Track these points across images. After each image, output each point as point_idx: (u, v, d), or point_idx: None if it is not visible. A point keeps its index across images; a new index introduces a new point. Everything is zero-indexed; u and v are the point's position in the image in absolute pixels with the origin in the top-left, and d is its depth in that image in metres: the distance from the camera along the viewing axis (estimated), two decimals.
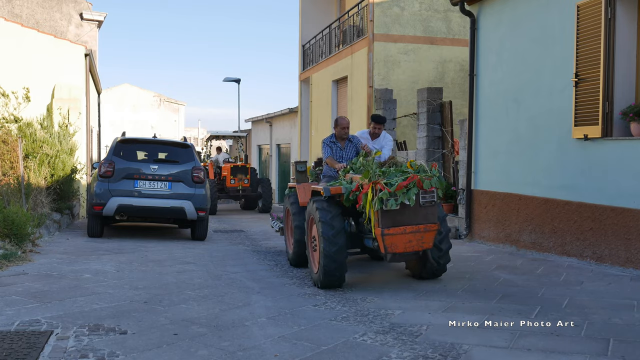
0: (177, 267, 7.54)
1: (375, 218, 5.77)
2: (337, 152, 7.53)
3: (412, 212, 5.75)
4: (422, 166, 6.01)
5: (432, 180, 5.75)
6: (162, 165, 10.37)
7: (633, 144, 6.93)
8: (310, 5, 20.21)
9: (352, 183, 6.27)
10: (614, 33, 7.15)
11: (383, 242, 5.75)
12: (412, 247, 5.83)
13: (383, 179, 5.73)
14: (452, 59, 14.79)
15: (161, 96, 47.68)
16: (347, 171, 6.84)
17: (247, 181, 18.97)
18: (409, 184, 5.65)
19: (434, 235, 5.94)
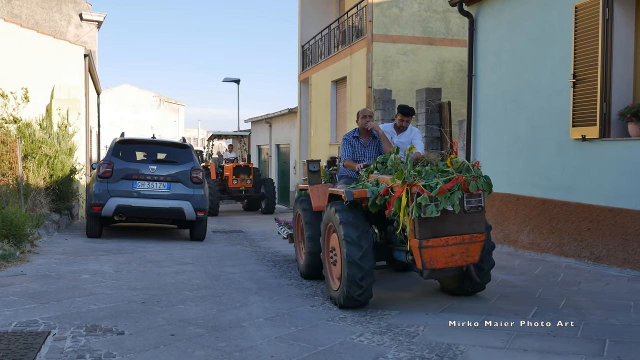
0: (175, 267, 7.55)
1: (410, 227, 4.90)
2: (359, 150, 6.65)
3: (455, 220, 4.90)
4: (465, 164, 5.11)
5: (479, 182, 4.90)
6: (161, 165, 10.37)
7: (630, 145, 6.94)
8: (310, 6, 20.23)
9: (379, 185, 5.42)
10: (612, 34, 7.16)
11: (421, 256, 4.87)
12: (455, 262, 4.98)
13: (420, 181, 4.86)
14: (451, 60, 14.80)
15: (161, 96, 47.71)
16: (371, 171, 5.96)
17: (249, 181, 18.66)
18: (453, 187, 4.80)
19: (481, 247, 5.07)
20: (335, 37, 17.47)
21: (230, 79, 26.34)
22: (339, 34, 17.18)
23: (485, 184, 4.95)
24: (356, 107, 15.21)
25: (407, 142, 7.08)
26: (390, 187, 5.15)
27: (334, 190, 6.00)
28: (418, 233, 4.87)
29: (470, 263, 5.10)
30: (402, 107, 7.28)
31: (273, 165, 25.42)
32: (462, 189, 4.84)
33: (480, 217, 5.02)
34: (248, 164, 19.14)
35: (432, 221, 4.84)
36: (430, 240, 4.86)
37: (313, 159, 7.08)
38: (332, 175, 7.42)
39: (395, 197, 4.99)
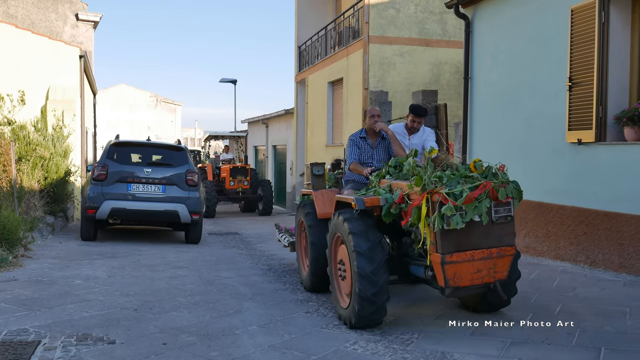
0: (169, 272, 7.51)
1: (431, 240, 4.41)
2: (367, 152, 6.16)
3: (481, 232, 4.41)
4: (492, 168, 4.60)
5: (508, 189, 4.43)
6: (156, 168, 10.33)
7: (626, 149, 6.92)
8: (307, 7, 20.18)
9: (394, 192, 4.93)
10: (608, 38, 7.14)
11: (443, 273, 4.35)
12: (481, 279, 4.47)
13: (443, 188, 4.34)
14: (447, 61, 14.77)
15: (158, 96, 47.65)
16: (382, 176, 5.45)
17: (247, 183, 18.45)
18: (480, 195, 4.31)
19: (510, 261, 4.57)
20: (332, 38, 17.43)
21: (227, 80, 26.30)
22: (335, 35, 17.14)
23: (515, 190, 4.50)
24: (353, 109, 15.18)
25: (419, 144, 6.68)
26: (407, 195, 4.64)
27: (343, 197, 5.43)
28: (440, 247, 4.33)
29: (499, 279, 4.57)
30: (414, 107, 6.75)
31: (270, 166, 25.37)
32: (490, 197, 4.36)
33: (509, 228, 4.53)
34: (245, 165, 18.98)
35: (456, 233, 4.31)
36: (454, 254, 4.34)
37: (317, 162, 6.63)
38: (338, 179, 6.93)
39: (413, 206, 4.47)
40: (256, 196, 18.84)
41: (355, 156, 6.15)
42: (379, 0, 14.28)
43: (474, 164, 4.64)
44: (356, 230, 4.80)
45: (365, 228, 4.82)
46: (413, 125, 6.70)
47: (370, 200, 4.89)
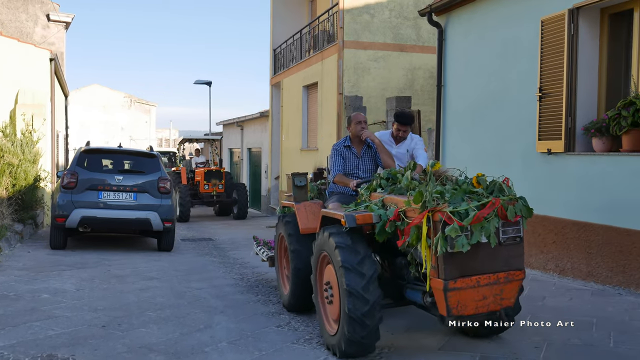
0: (139, 283, 7.41)
1: (432, 264, 3.98)
2: (352, 162, 5.78)
3: (488, 255, 4.00)
4: (496, 183, 4.21)
5: (517, 206, 4.01)
6: (127, 175, 10.20)
7: (594, 160, 7.01)
8: (282, 10, 20.12)
9: (387, 208, 4.49)
10: (577, 49, 7.23)
11: (446, 301, 3.92)
12: (487, 306, 4.05)
13: (446, 205, 3.91)
14: (421, 66, 14.85)
15: (132, 97, 47.13)
16: (373, 189, 5.00)
17: (221, 186, 18.32)
18: (489, 214, 3.89)
19: (519, 287, 4.19)
20: (307, 42, 17.41)
21: (202, 82, 26.04)
22: (310, 39, 17.12)
23: (525, 208, 4.06)
24: (328, 113, 15.17)
25: (406, 153, 6.38)
26: (403, 212, 4.21)
27: (330, 212, 4.91)
28: (443, 271, 3.90)
29: (506, 307, 4.16)
30: (399, 115, 6.32)
31: (245, 169, 25.25)
32: (500, 217, 3.94)
33: (518, 250, 4.12)
34: (220, 169, 18.82)
35: (461, 256, 3.89)
36: (458, 280, 3.90)
37: (299, 172, 6.17)
38: (321, 190, 6.46)
39: (412, 225, 4.02)
40: (231, 200, 18.72)
41: (339, 167, 5.73)
42: (353, 5, 14.29)
43: (477, 178, 4.26)
44: (343, 243, 4.42)
45: (353, 241, 4.45)
46: (399, 134, 6.33)
47: (362, 217, 4.44)
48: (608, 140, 6.86)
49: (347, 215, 4.48)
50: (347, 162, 5.77)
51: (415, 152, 6.30)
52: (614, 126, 6.65)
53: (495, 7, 8.77)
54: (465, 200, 3.99)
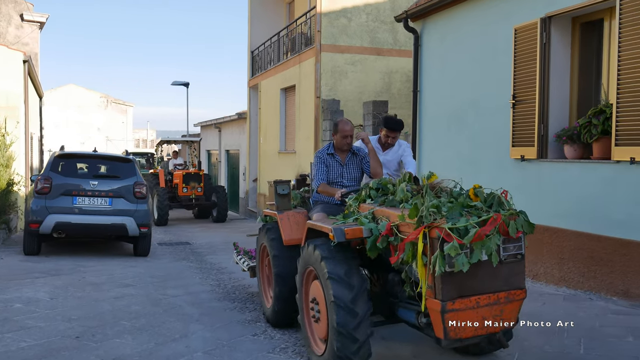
0: (115, 291, 7.35)
1: (429, 283, 3.73)
2: (336, 170, 5.57)
3: (488, 273, 3.78)
4: (495, 195, 3.98)
5: (518, 222, 3.82)
6: (103, 180, 10.12)
7: (566, 167, 7.13)
8: (260, 11, 20.08)
9: (378, 221, 4.24)
10: (549, 57, 7.34)
11: (443, 323, 3.67)
12: (486, 329, 3.82)
13: (444, 221, 3.68)
14: (398, 70, 14.94)
15: (108, 97, 46.63)
16: (362, 200, 4.74)
17: (200, 189, 18.09)
18: (491, 232, 3.67)
19: (519, 307, 3.96)
20: (285, 45, 17.40)
21: (179, 83, 25.80)
22: (288, 41, 17.12)
23: (526, 223, 3.87)
24: (305, 116, 15.19)
25: (395, 160, 6.13)
26: (396, 226, 3.98)
27: (317, 225, 4.63)
28: (441, 292, 3.65)
29: (505, 328, 3.95)
30: (387, 120, 6.08)
31: (223, 171, 25.15)
32: (501, 233, 3.73)
33: (519, 268, 3.91)
34: (199, 171, 18.56)
35: (460, 276, 3.66)
36: (456, 301, 3.66)
37: (281, 180, 5.87)
38: (304, 198, 6.17)
39: (407, 242, 3.79)
40: (210, 203, 18.54)
41: (322, 176, 5.51)
42: (330, 9, 14.33)
43: (475, 190, 4.05)
44: (329, 254, 4.22)
45: (340, 252, 4.26)
46: (387, 141, 6.10)
47: (352, 231, 4.15)
48: (579, 148, 6.98)
49: (335, 229, 4.18)
50: (331, 170, 5.57)
51: (404, 159, 6.11)
52: (585, 134, 6.78)
53: (469, 14, 8.87)
54: (464, 215, 3.77)
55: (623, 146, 6.24)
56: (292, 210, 5.67)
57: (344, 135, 5.56)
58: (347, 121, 5.62)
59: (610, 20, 6.83)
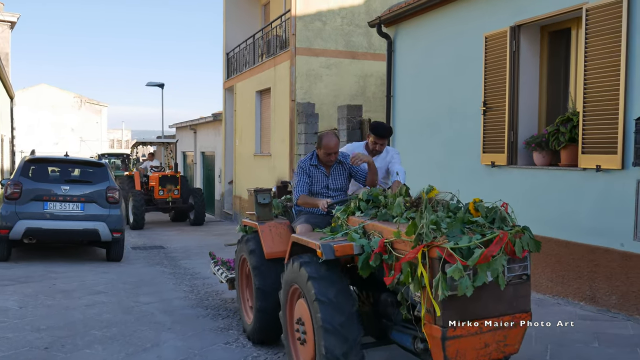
0: (86, 298, 7.28)
1: (428, 307, 3.45)
2: (320, 181, 5.25)
3: (491, 296, 3.51)
4: (497, 210, 3.73)
5: (524, 240, 3.57)
6: (74, 185, 10.01)
7: (535, 173, 7.26)
8: (235, 13, 20.01)
9: (370, 237, 4.00)
10: (519, 65, 7.46)
11: (443, 350, 3.42)
12: (489, 355, 3.56)
13: (444, 239, 3.44)
14: (373, 74, 15.02)
15: (82, 97, 46.07)
16: (352, 212, 4.45)
17: (177, 192, 17.68)
18: (497, 252, 3.40)
19: (524, 332, 3.68)
20: (260, 47, 17.38)
21: (154, 83, 25.56)
22: (263, 44, 17.10)
23: (532, 241, 3.61)
24: (280, 119, 15.19)
25: (382, 167, 5.86)
26: (390, 243, 3.73)
27: (303, 239, 4.30)
28: (441, 317, 3.39)
29: (510, 354, 3.68)
30: (375, 126, 5.81)
31: (198, 172, 25.02)
32: (507, 253, 3.47)
33: (524, 290, 3.65)
34: (175, 174, 18.14)
35: (462, 299, 3.38)
36: (457, 327, 3.41)
37: (262, 188, 5.56)
38: (287, 207, 5.82)
39: (404, 262, 3.52)
40: (187, 206, 18.15)
41: (303, 187, 5.17)
42: (305, 12, 14.35)
43: (475, 204, 3.79)
44: (317, 274, 3.93)
45: (328, 271, 3.97)
46: (375, 148, 5.81)
47: (342, 248, 3.89)
48: (548, 155, 7.11)
49: (323, 245, 3.91)
50: (315, 181, 5.25)
51: (392, 166, 5.82)
52: (553, 141, 6.90)
53: (441, 21, 8.97)
54: (466, 233, 3.52)
55: (589, 154, 6.38)
56: (274, 221, 5.37)
57: (328, 152, 5.15)
58: (331, 136, 5.19)
59: (578, 29, 6.97)
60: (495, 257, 3.37)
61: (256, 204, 5.41)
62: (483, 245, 3.41)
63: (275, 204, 5.81)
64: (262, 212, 5.41)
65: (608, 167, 6.18)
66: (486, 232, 3.54)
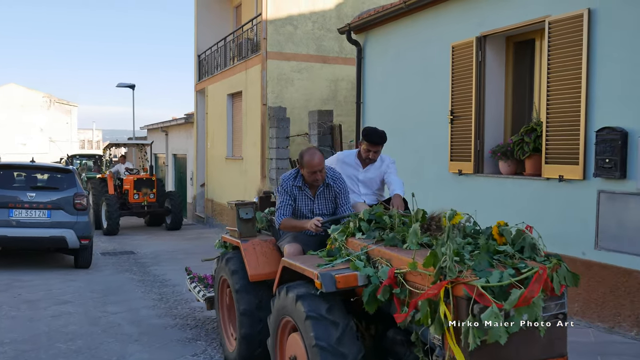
0: (52, 309, 7.19)
1: (451, 355, 2.95)
2: (304, 204, 4.70)
3: (524, 338, 3.00)
4: (524, 236, 3.28)
5: (560, 273, 3.06)
6: (41, 192, 9.88)
7: (501, 182, 7.38)
8: (206, 15, 19.90)
9: (377, 264, 3.52)
10: (485, 75, 7.58)
11: None
12: None
13: (471, 274, 2.94)
14: (344, 78, 15.07)
15: (51, 97, 45.37)
16: (351, 233, 3.96)
17: (153, 195, 16.95)
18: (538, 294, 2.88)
19: None
20: (231, 50, 17.31)
21: (125, 84, 25.25)
22: (235, 47, 17.04)
23: (569, 274, 3.11)
24: (252, 123, 15.16)
25: (376, 178, 5.34)
26: (402, 274, 3.26)
27: (295, 265, 3.79)
28: None
29: None
30: (370, 133, 5.23)
31: (170, 175, 24.82)
32: (546, 291, 3.01)
33: (561, 331, 3.12)
34: (151, 176, 17.43)
35: (491, 344, 2.88)
36: None
37: (244, 201, 5.07)
38: (271, 221, 5.17)
39: (422, 299, 3.01)
40: (163, 210, 17.41)
41: (286, 209, 4.63)
42: (276, 17, 14.34)
43: (499, 228, 3.33)
44: (316, 312, 3.41)
45: (329, 309, 3.45)
46: (368, 156, 5.26)
47: (345, 279, 3.40)
48: (513, 164, 7.23)
49: (323, 274, 3.41)
50: (299, 204, 4.71)
51: (388, 177, 5.30)
52: (517, 151, 7.03)
53: (410, 29, 9.05)
54: (495, 266, 3.03)
55: (552, 164, 6.51)
56: (258, 238, 4.92)
57: (312, 171, 4.53)
58: (314, 151, 4.56)
59: (541, 40, 7.10)
60: (536, 298, 2.86)
61: (238, 220, 4.94)
62: (521, 284, 2.90)
63: (258, 218, 5.30)
64: (245, 228, 4.95)
65: (570, 177, 6.31)
66: (518, 264, 3.05)
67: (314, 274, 3.49)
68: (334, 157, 5.52)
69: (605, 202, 5.97)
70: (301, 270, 3.69)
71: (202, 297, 6.07)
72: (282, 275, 4.02)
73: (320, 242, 4.36)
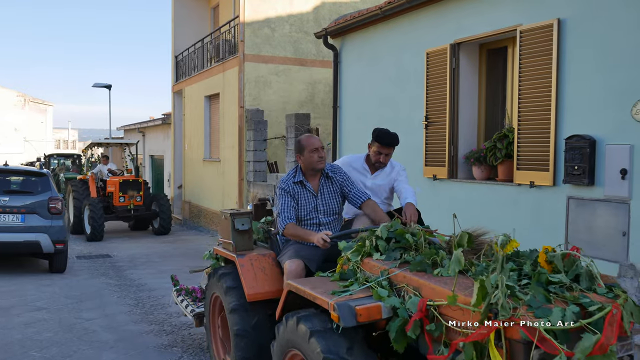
0: (25, 316, 7.14)
1: None
2: (308, 202, 4.34)
3: None
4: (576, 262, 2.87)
5: (627, 307, 2.59)
6: (14, 196, 9.77)
7: (475, 187, 7.49)
8: (184, 15, 19.81)
9: (403, 292, 3.04)
10: (458, 81, 7.68)
11: None
12: None
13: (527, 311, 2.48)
14: (321, 80, 15.13)
15: (25, 96, 44.68)
16: (367, 252, 3.46)
17: (139, 198, 16.05)
18: None
19: None
20: (209, 52, 17.27)
21: (101, 85, 24.92)
22: (212, 48, 17.00)
23: (637, 309, 2.62)
24: (229, 125, 15.14)
25: (385, 185, 4.89)
26: (435, 306, 2.81)
27: (305, 291, 3.26)
28: None
29: None
30: (380, 133, 4.81)
31: (147, 176, 24.64)
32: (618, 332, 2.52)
33: None
34: (137, 178, 16.52)
35: None
36: None
37: (240, 211, 4.61)
38: (269, 232, 4.79)
39: (469, 341, 2.55)
40: (150, 213, 16.52)
41: (289, 212, 4.25)
42: (254, 19, 14.35)
43: (547, 255, 2.88)
44: (336, 354, 2.91)
45: (350, 350, 2.95)
46: (379, 159, 4.82)
47: (367, 312, 2.91)
48: (486, 169, 7.35)
49: (340, 305, 2.91)
50: (302, 203, 4.32)
51: (398, 185, 4.84)
52: (490, 157, 7.14)
53: (385, 35, 9.14)
54: (553, 301, 2.56)
55: (524, 170, 6.63)
56: (255, 252, 4.47)
57: (314, 148, 4.27)
58: (311, 134, 4.49)
59: (514, 48, 7.22)
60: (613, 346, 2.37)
61: (233, 231, 4.48)
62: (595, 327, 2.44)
63: (255, 229, 4.86)
64: (241, 241, 4.49)
65: (541, 183, 6.44)
66: (581, 299, 2.60)
67: (330, 304, 2.96)
68: (340, 161, 5.10)
69: (574, 208, 6.10)
70: (312, 298, 3.17)
71: (190, 313, 5.54)
72: (288, 297, 3.52)
73: (326, 256, 4.05)
